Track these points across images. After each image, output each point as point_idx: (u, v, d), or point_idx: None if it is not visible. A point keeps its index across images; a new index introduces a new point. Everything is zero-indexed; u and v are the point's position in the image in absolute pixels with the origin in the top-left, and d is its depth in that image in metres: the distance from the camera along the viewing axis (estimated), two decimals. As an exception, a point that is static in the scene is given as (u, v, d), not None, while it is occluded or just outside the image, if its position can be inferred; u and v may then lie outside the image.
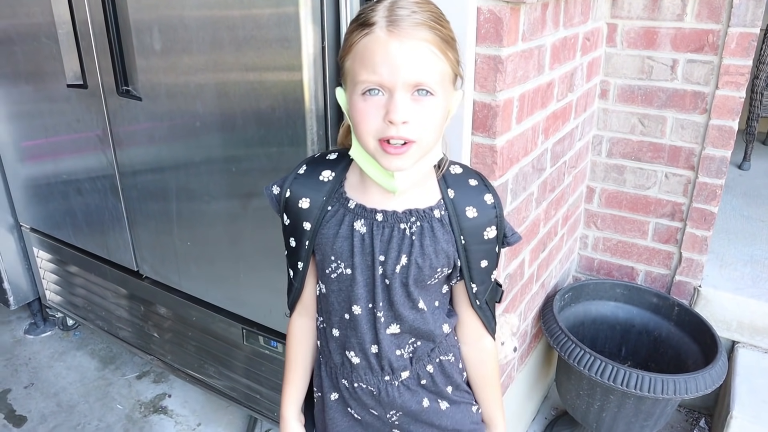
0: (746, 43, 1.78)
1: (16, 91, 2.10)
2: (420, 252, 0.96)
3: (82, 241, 2.21)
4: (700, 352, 1.90)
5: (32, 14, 1.87)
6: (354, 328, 1.03)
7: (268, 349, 1.76)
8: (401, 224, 0.96)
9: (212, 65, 1.49)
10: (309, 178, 1.01)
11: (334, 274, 1.00)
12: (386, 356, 1.03)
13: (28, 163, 2.24)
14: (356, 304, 1.01)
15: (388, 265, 0.97)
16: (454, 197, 0.98)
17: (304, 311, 1.12)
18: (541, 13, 1.41)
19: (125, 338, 2.27)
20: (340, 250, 0.98)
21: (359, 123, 0.88)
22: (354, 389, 1.07)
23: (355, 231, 0.97)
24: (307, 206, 0.99)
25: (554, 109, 1.64)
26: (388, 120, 0.84)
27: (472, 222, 0.98)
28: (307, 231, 1.00)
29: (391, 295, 0.99)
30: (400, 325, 1.02)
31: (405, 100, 0.84)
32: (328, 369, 1.11)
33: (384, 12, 0.84)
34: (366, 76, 0.85)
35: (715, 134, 1.90)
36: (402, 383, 1.07)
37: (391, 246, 0.96)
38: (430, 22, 0.84)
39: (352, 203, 0.98)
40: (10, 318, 2.78)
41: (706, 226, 2.02)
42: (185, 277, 1.89)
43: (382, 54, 0.83)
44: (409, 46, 0.83)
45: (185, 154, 1.68)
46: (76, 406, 2.25)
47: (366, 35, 0.85)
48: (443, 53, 0.86)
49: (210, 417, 2.19)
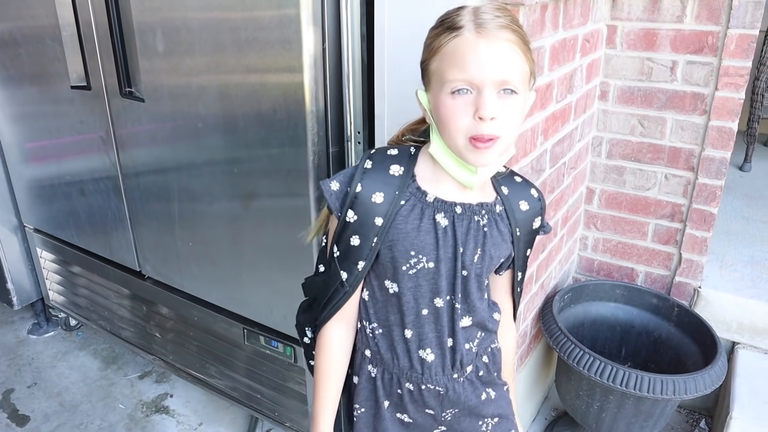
0: (746, 44, 1.79)
1: (21, 92, 2.12)
2: (492, 243, 1.02)
3: (85, 241, 2.23)
4: (700, 352, 1.90)
5: (37, 16, 1.89)
6: (434, 321, 1.04)
7: (269, 349, 1.78)
8: (476, 216, 1.01)
9: (214, 67, 1.51)
10: (378, 171, 1.00)
11: (413, 270, 1.00)
12: (459, 349, 1.06)
13: (31, 164, 2.26)
14: (439, 297, 1.02)
15: (466, 257, 1.00)
16: (508, 193, 1.06)
17: (343, 318, 1.07)
18: (540, 15, 1.42)
19: (127, 338, 2.28)
20: (423, 244, 0.98)
21: (449, 120, 0.91)
22: (420, 391, 1.07)
23: (438, 224, 0.99)
24: (380, 200, 0.98)
25: (553, 110, 1.65)
26: (478, 116, 0.88)
27: (525, 214, 1.07)
28: (378, 227, 0.98)
29: (467, 286, 1.03)
30: (473, 316, 1.06)
31: (493, 97, 0.88)
32: (386, 376, 1.09)
33: (470, 16, 0.89)
34: (455, 74, 0.89)
35: (715, 135, 1.91)
36: (466, 378, 1.10)
37: (469, 237, 1.00)
38: (512, 25, 0.90)
39: (430, 197, 0.99)
40: (13, 318, 2.80)
41: (705, 227, 2.02)
42: (187, 277, 1.90)
43: (472, 53, 0.88)
44: (495, 46, 0.88)
45: (187, 155, 1.69)
46: (78, 406, 2.26)
47: (455, 37, 0.89)
48: (524, 53, 0.91)
49: (211, 417, 2.20)
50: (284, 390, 1.81)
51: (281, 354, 1.76)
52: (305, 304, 1.17)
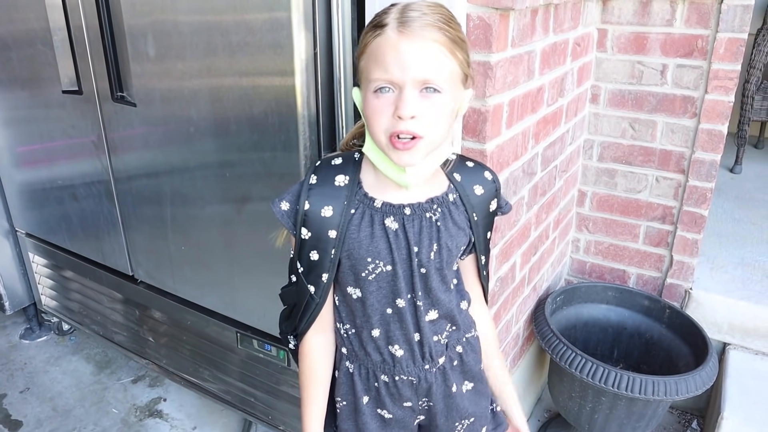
0: (735, 48, 1.81)
1: (12, 96, 2.11)
2: (447, 235, 1.03)
3: (77, 245, 2.22)
4: (691, 354, 1.91)
5: (28, 20, 1.89)
6: (399, 320, 1.05)
7: (262, 352, 1.77)
8: (427, 213, 1.02)
9: (206, 71, 1.51)
10: (324, 186, 1.01)
11: (372, 275, 1.02)
12: (427, 343, 1.07)
13: (23, 168, 2.25)
14: (399, 298, 1.03)
15: (422, 255, 1.01)
16: (461, 180, 1.06)
17: (321, 327, 1.11)
18: (531, 19, 1.42)
19: (120, 342, 2.27)
20: (377, 250, 1.00)
21: (371, 119, 0.93)
22: (395, 382, 1.09)
23: (388, 228, 1.00)
24: (330, 214, 0.99)
25: (544, 113, 1.66)
26: (397, 115, 0.89)
27: (480, 198, 1.07)
28: (333, 239, 1.00)
29: (428, 283, 1.03)
30: (438, 310, 1.07)
31: (413, 96, 0.89)
32: (363, 371, 1.11)
33: (396, 14, 0.90)
34: (378, 74, 0.90)
35: (705, 138, 1.92)
36: (438, 369, 1.11)
37: (423, 236, 1.01)
38: (439, 23, 0.89)
39: (378, 202, 1.01)
40: (5, 323, 2.78)
41: (696, 229, 2.03)
42: (180, 281, 1.90)
43: (393, 53, 0.88)
44: (418, 45, 0.88)
45: (179, 159, 1.69)
46: (71, 411, 2.25)
47: (378, 36, 0.90)
48: (451, 53, 0.90)
49: (205, 420, 2.20)
50: (278, 393, 1.81)
51: (274, 357, 1.76)
52: (285, 312, 1.17)
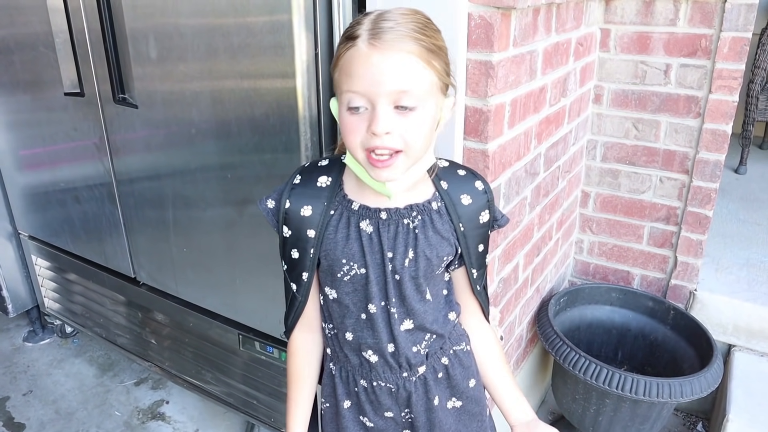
0: (739, 47, 1.80)
1: (14, 99, 2.11)
2: (426, 244, 0.99)
3: (80, 248, 2.22)
4: (696, 355, 1.90)
5: (30, 24, 1.89)
6: (370, 327, 1.03)
7: (265, 354, 1.77)
8: (404, 220, 0.99)
9: (207, 73, 1.50)
10: (306, 186, 1.02)
11: (347, 276, 1.01)
12: (403, 353, 1.04)
13: (26, 171, 2.25)
14: (371, 303, 1.02)
15: (396, 261, 0.99)
16: (448, 188, 1.02)
17: (307, 326, 1.11)
18: (533, 19, 1.42)
19: (123, 345, 2.27)
20: (351, 252, 0.99)
21: (346, 135, 0.91)
22: (373, 388, 1.08)
23: (363, 231, 0.99)
24: (309, 214, 1.00)
25: (547, 113, 1.65)
26: (371, 131, 0.86)
27: (468, 208, 1.03)
28: (312, 238, 1.00)
29: (402, 290, 1.01)
30: (413, 319, 1.03)
31: (387, 112, 0.86)
32: (343, 373, 1.10)
33: (368, 25, 0.86)
34: (349, 86, 0.87)
35: (709, 138, 1.91)
36: (419, 378, 1.08)
37: (398, 242, 0.99)
38: (413, 33, 0.86)
39: (355, 204, 1.00)
40: (8, 326, 2.79)
41: (701, 229, 2.02)
42: (182, 283, 1.90)
43: (364, 67, 0.85)
44: (390, 58, 0.85)
45: (181, 161, 1.69)
46: (74, 413, 2.25)
47: (350, 48, 0.87)
48: (427, 63, 0.87)
49: (207, 423, 2.19)
50: (280, 395, 1.81)
51: (276, 359, 1.75)
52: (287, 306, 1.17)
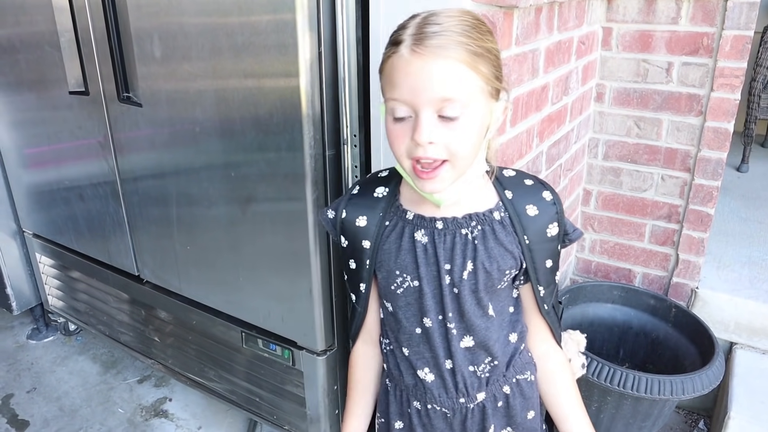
0: (740, 45, 1.80)
1: (20, 98, 2.12)
2: (486, 255, 0.94)
3: (83, 246, 2.23)
4: (698, 353, 1.91)
5: (35, 23, 1.90)
6: (426, 342, 1.00)
7: (268, 352, 1.78)
8: (462, 230, 0.95)
9: (211, 72, 1.51)
10: (363, 197, 1.01)
11: (400, 289, 0.99)
12: (460, 371, 1.00)
13: (30, 169, 2.27)
14: (426, 317, 0.98)
15: (454, 273, 0.95)
16: (512, 197, 0.97)
17: (368, 337, 1.10)
18: (535, 18, 1.42)
19: (126, 342, 2.28)
20: (404, 263, 0.96)
21: (391, 144, 0.88)
22: (427, 411, 1.04)
23: (417, 241, 0.96)
24: (364, 224, 0.98)
25: (549, 112, 1.66)
26: (414, 141, 0.84)
27: (534, 220, 0.97)
28: (367, 249, 0.99)
29: (461, 304, 0.97)
30: (474, 336, 0.99)
31: (430, 121, 0.83)
32: (397, 393, 1.08)
33: (413, 29, 0.83)
34: (391, 94, 0.85)
35: (711, 136, 1.92)
36: (477, 406, 1.03)
37: (455, 253, 0.94)
38: (458, 37, 0.82)
39: (410, 214, 0.97)
40: (12, 323, 2.80)
41: (702, 227, 2.03)
42: (185, 281, 1.91)
43: (405, 74, 0.82)
44: (433, 65, 0.81)
45: (185, 159, 1.70)
46: (78, 411, 2.26)
47: (393, 54, 0.84)
48: (473, 68, 0.83)
49: (210, 420, 2.20)
50: (283, 393, 1.82)
51: (279, 357, 1.76)
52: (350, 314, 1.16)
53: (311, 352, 1.68)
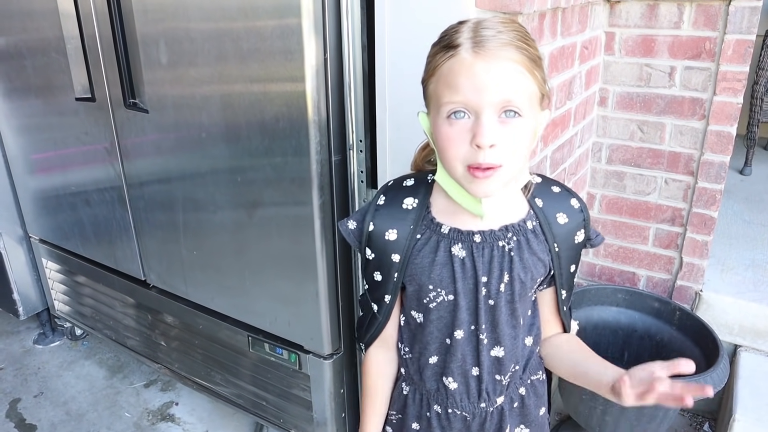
0: (743, 49, 1.81)
1: (26, 104, 2.14)
2: (521, 266, 0.95)
3: (90, 251, 2.24)
4: (702, 356, 1.91)
5: (41, 29, 1.91)
6: (455, 352, 1.00)
7: (274, 356, 1.79)
8: (500, 242, 0.94)
9: (217, 77, 1.53)
10: (391, 208, 0.98)
11: (433, 303, 0.98)
12: (485, 380, 1.01)
13: (37, 175, 2.28)
14: (459, 329, 0.98)
15: (492, 286, 0.95)
16: (543, 206, 0.97)
17: (383, 343, 1.09)
18: (539, 23, 1.43)
19: (133, 347, 2.29)
20: (439, 278, 0.95)
21: (446, 148, 0.86)
22: (447, 415, 1.05)
23: (455, 256, 0.94)
24: (394, 238, 0.96)
25: (553, 116, 1.67)
26: (476, 144, 0.82)
27: (564, 228, 0.98)
28: (396, 263, 0.97)
29: (495, 316, 0.97)
30: (504, 346, 1.00)
31: (492, 122, 0.82)
32: (417, 396, 1.08)
33: (469, 33, 0.83)
34: (451, 97, 0.83)
35: (714, 140, 1.92)
36: (496, 409, 1.05)
37: (493, 266, 0.94)
38: (516, 41, 0.82)
39: (445, 228, 0.95)
40: (19, 328, 2.81)
41: (706, 230, 2.03)
42: (192, 285, 1.92)
43: (468, 75, 0.82)
44: (495, 66, 0.81)
45: (191, 164, 1.71)
46: (85, 415, 2.27)
47: (451, 57, 0.83)
48: (530, 73, 0.83)
49: (217, 424, 2.21)
50: (289, 397, 1.82)
51: (286, 361, 1.77)
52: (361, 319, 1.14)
53: (318, 356, 1.69)
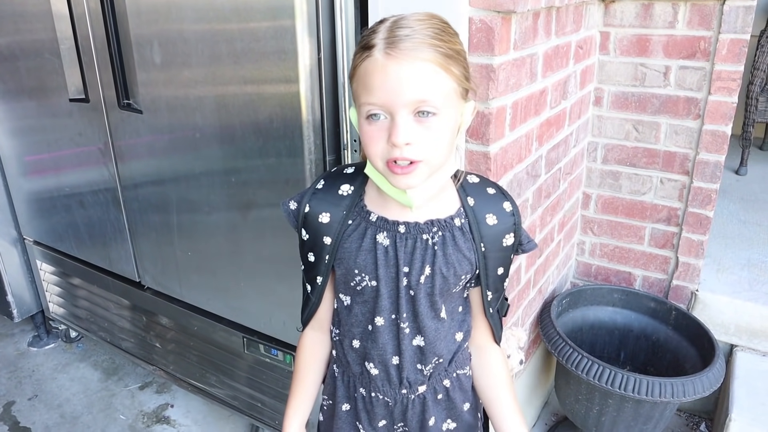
0: (737, 49, 1.81)
1: (20, 106, 2.13)
2: (444, 261, 0.97)
3: (84, 253, 2.24)
4: (698, 355, 1.91)
5: (35, 31, 1.91)
6: (375, 339, 1.03)
7: (269, 357, 1.78)
8: (424, 235, 0.97)
9: (211, 78, 1.52)
10: (328, 192, 1.01)
11: (359, 286, 1.01)
12: (406, 368, 1.03)
13: (31, 177, 2.27)
14: (379, 316, 1.01)
15: (412, 276, 0.97)
16: (474, 205, 0.99)
17: (317, 325, 1.12)
18: (533, 23, 1.43)
19: (128, 349, 2.29)
20: (364, 263, 0.98)
21: (366, 146, 0.89)
22: (371, 399, 1.08)
23: (378, 243, 0.97)
24: (327, 221, 0.99)
25: (548, 116, 1.66)
26: (391, 142, 0.85)
27: (493, 229, 0.99)
28: (327, 245, 1.00)
29: (415, 306, 0.99)
30: (424, 337, 1.02)
31: (407, 122, 0.84)
32: (345, 378, 1.11)
33: (384, 33, 0.84)
34: (367, 98, 0.86)
35: (709, 139, 1.93)
36: (417, 397, 1.07)
37: (415, 257, 0.97)
38: (430, 40, 0.84)
39: (373, 216, 0.98)
40: (13, 331, 2.80)
41: (702, 230, 2.03)
42: (186, 287, 1.91)
43: (381, 77, 0.83)
44: (407, 67, 0.82)
45: (185, 165, 1.71)
46: (79, 418, 2.26)
47: (366, 58, 0.85)
48: (445, 70, 0.85)
49: (212, 426, 2.20)
50: (284, 398, 1.82)
51: (281, 362, 1.76)
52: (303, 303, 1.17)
53: (312, 357, 1.68)
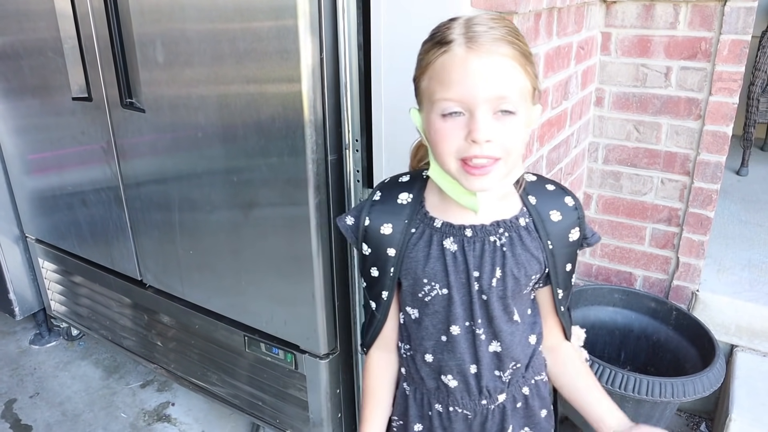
0: (738, 50, 1.81)
1: (23, 104, 2.14)
2: (514, 262, 0.95)
3: (86, 251, 2.24)
4: (699, 355, 1.91)
5: (38, 29, 1.91)
6: (452, 350, 1.00)
7: (270, 356, 1.79)
8: (491, 237, 0.95)
9: (214, 77, 1.53)
10: (386, 203, 0.99)
11: (428, 297, 0.98)
12: (485, 376, 1.01)
13: (33, 175, 2.28)
14: (455, 324, 0.98)
15: (483, 280, 0.95)
16: (536, 203, 0.98)
17: (383, 344, 1.09)
18: (534, 23, 1.44)
19: (129, 347, 2.29)
20: (433, 272, 0.96)
21: (439, 143, 0.86)
22: (449, 414, 1.05)
23: (446, 250, 0.95)
24: (389, 232, 0.97)
25: (549, 116, 1.67)
26: (471, 139, 0.82)
27: (558, 225, 0.98)
28: (392, 257, 0.98)
29: (489, 311, 0.97)
30: (501, 342, 1.00)
31: (487, 118, 0.82)
32: (417, 396, 1.08)
33: (461, 29, 0.83)
34: (444, 93, 0.83)
35: (710, 140, 1.93)
36: (498, 407, 1.05)
37: (485, 260, 0.95)
38: (508, 37, 0.83)
39: (438, 222, 0.96)
40: (15, 328, 2.81)
41: (702, 230, 2.04)
42: (188, 285, 1.92)
43: (461, 71, 0.82)
44: (489, 61, 0.81)
45: (188, 164, 1.71)
46: (81, 415, 2.27)
47: (444, 53, 0.83)
48: (523, 68, 0.84)
49: (213, 424, 2.21)
50: (285, 397, 1.82)
51: (282, 361, 1.77)
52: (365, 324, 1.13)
53: (314, 356, 1.69)
